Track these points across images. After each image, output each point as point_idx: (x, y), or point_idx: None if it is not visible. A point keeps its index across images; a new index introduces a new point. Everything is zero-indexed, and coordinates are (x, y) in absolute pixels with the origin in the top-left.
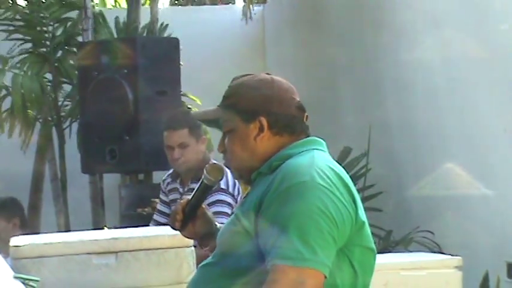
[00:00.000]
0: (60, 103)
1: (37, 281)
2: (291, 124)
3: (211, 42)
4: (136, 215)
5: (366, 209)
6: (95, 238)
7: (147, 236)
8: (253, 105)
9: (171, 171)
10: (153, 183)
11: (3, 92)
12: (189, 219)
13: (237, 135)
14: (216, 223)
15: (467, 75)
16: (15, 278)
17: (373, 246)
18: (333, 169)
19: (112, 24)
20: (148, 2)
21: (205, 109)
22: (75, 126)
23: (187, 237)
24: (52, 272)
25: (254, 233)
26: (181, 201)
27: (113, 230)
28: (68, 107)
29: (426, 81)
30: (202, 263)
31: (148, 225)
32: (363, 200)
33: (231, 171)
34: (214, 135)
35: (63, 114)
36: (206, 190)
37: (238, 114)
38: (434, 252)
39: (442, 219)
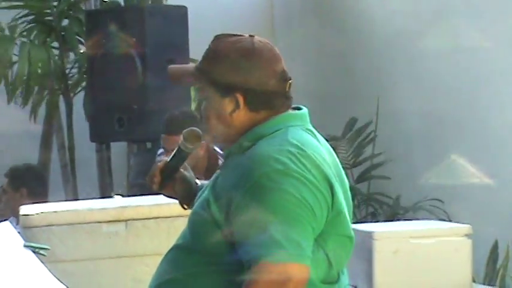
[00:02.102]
0: (67, 72)
1: (47, 249)
2: (269, 100)
3: (221, 17)
4: (145, 184)
5: (374, 177)
6: (105, 206)
7: (157, 204)
8: (229, 80)
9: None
10: None
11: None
12: (167, 181)
13: (212, 106)
14: (197, 181)
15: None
16: (26, 246)
17: (351, 233)
18: (306, 152)
19: None
20: None
21: (182, 67)
22: (82, 94)
23: (168, 197)
24: (62, 240)
25: (224, 224)
26: (159, 163)
27: (122, 198)
28: (75, 76)
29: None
30: (173, 245)
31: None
32: (371, 168)
33: None
34: None
35: (70, 82)
36: (184, 157)
37: (213, 85)
38: (443, 220)
39: (451, 187)
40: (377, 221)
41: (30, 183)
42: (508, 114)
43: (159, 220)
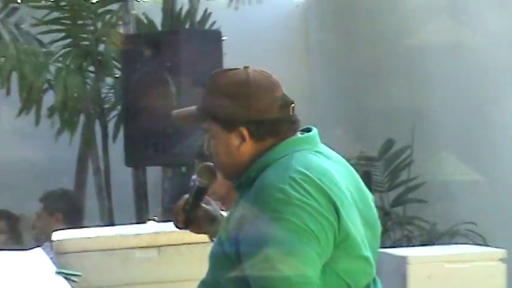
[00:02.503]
0: (103, 96)
1: (79, 275)
2: (274, 128)
3: (255, 35)
4: None
5: (410, 200)
6: (138, 232)
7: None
8: (230, 115)
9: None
10: None
11: (46, 85)
12: (191, 217)
13: (219, 143)
14: (222, 213)
15: None
16: (58, 273)
17: (365, 253)
18: (310, 177)
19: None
20: None
21: (185, 110)
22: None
23: (197, 233)
24: (94, 266)
25: (236, 259)
26: (180, 202)
27: (156, 223)
28: (111, 100)
29: (474, 71)
30: (200, 281)
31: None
32: (407, 190)
33: None
34: None
35: (106, 106)
36: (200, 192)
37: (217, 123)
38: (479, 244)
39: (486, 211)
40: (412, 245)
41: (65, 208)
42: None
43: (192, 246)
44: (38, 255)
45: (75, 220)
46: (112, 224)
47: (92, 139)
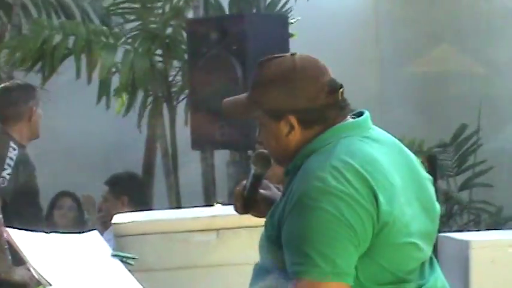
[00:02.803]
0: (170, 79)
1: (135, 258)
2: (322, 114)
3: (324, 19)
4: None
5: (476, 185)
6: (196, 216)
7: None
8: (278, 105)
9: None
10: None
11: (114, 69)
12: (250, 202)
13: (269, 131)
14: None
15: None
16: (113, 255)
17: (409, 239)
18: (351, 164)
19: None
20: None
21: (235, 100)
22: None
23: (258, 217)
24: (154, 249)
25: (279, 245)
26: (238, 188)
27: (215, 207)
28: (179, 84)
29: None
30: (255, 264)
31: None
32: (474, 175)
33: None
34: None
35: (174, 90)
36: (256, 179)
37: (265, 112)
38: None
39: None
40: (478, 230)
41: (131, 191)
42: None
43: (251, 229)
44: (94, 238)
45: (141, 203)
46: (179, 207)
47: (160, 122)
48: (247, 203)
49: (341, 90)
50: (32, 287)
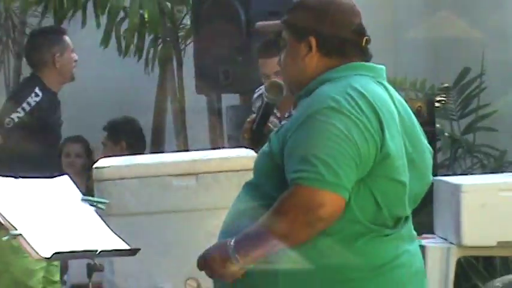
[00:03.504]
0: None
1: (105, 203)
2: (341, 47)
3: None
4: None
5: (480, 129)
6: (175, 160)
7: (227, 158)
8: (304, 24)
9: (260, 92)
10: None
11: (122, 14)
12: (258, 136)
13: (289, 52)
14: None
15: None
16: (83, 200)
17: (403, 178)
18: (364, 95)
19: None
20: None
21: (269, 22)
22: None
23: None
24: (133, 193)
25: (280, 155)
26: (248, 119)
27: (193, 152)
28: (186, 27)
29: None
30: (245, 182)
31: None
32: (478, 119)
33: None
34: None
35: (181, 34)
36: (268, 108)
37: (291, 32)
38: None
39: None
40: (485, 173)
41: (130, 135)
42: None
43: (230, 174)
44: (65, 182)
45: (139, 147)
46: (186, 150)
47: (169, 67)
48: (255, 136)
49: (366, 38)
50: None
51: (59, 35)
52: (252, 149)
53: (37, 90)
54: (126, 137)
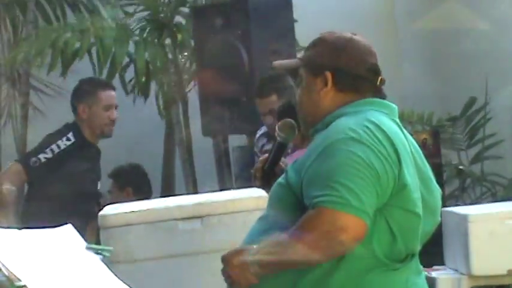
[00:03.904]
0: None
1: (110, 250)
2: (356, 83)
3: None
4: (250, 176)
5: (488, 158)
6: (180, 204)
7: (232, 199)
8: (321, 60)
9: (263, 130)
10: None
11: (126, 60)
12: (269, 176)
13: (305, 87)
14: None
15: None
16: (88, 248)
17: (419, 211)
18: (382, 128)
19: None
20: None
21: (287, 60)
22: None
23: None
24: (139, 239)
25: (297, 186)
26: (260, 158)
27: (198, 194)
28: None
29: None
30: (258, 218)
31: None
32: (483, 150)
33: None
34: None
35: (185, 77)
36: (281, 148)
37: (308, 67)
38: None
39: None
40: (495, 201)
41: (135, 181)
42: None
43: (235, 215)
44: (68, 232)
45: (145, 193)
46: (196, 193)
47: (174, 110)
48: (266, 176)
49: (380, 78)
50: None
51: (95, 88)
52: (263, 188)
53: (70, 135)
54: (132, 183)
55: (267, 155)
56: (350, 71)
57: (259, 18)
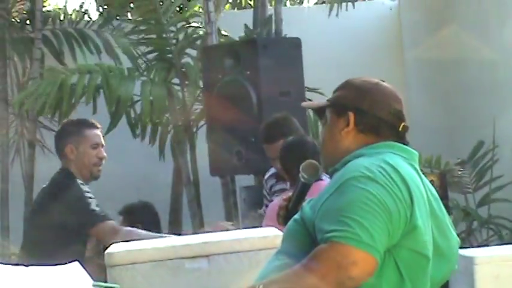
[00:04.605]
0: (189, 107)
1: (117, 287)
2: (378, 126)
3: (349, 39)
4: (257, 216)
5: (494, 200)
6: (187, 243)
7: (238, 239)
8: (346, 100)
9: (272, 171)
10: None
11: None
12: (292, 215)
13: (329, 127)
14: None
15: None
16: (94, 286)
17: (428, 253)
18: (397, 170)
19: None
20: (274, 2)
21: (315, 101)
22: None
23: None
24: (145, 278)
25: (311, 225)
26: (284, 197)
27: (204, 234)
28: (197, 111)
29: None
30: (276, 252)
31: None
32: (491, 192)
33: None
34: None
35: (193, 117)
36: (304, 187)
37: (333, 107)
38: None
39: None
40: (503, 243)
41: (145, 219)
42: None
43: (241, 254)
44: (75, 269)
45: (155, 232)
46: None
47: (180, 150)
48: (289, 214)
49: (403, 124)
50: None
51: (80, 127)
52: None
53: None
54: (142, 221)
55: (290, 194)
56: (372, 113)
57: (268, 58)
